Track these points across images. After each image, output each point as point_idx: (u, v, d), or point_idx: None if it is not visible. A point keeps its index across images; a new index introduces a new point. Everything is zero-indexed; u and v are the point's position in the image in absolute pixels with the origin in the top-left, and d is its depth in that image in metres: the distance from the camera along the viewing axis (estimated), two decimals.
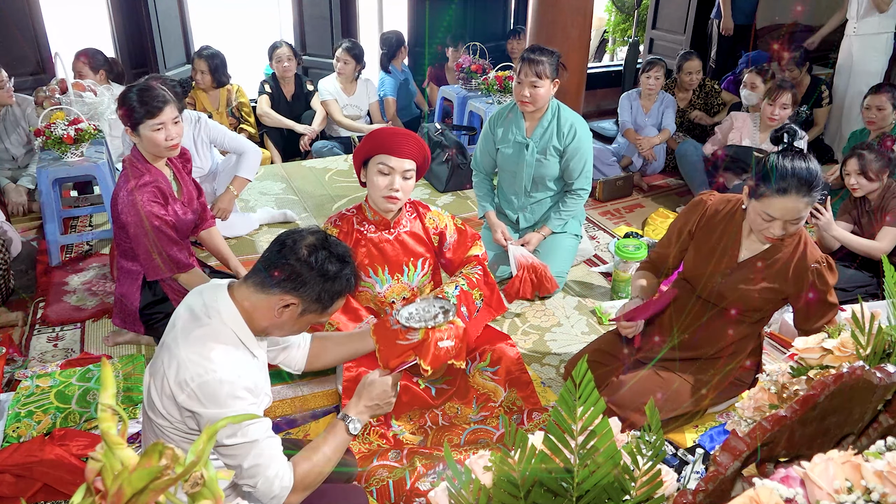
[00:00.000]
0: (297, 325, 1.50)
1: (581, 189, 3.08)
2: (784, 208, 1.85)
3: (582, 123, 3.02)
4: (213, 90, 4.45)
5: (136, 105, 2.32)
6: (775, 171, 1.84)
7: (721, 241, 2.08)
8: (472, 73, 4.82)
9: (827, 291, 1.97)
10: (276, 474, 1.43)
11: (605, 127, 5.61)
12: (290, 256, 1.43)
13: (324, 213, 3.91)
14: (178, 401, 1.37)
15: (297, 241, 1.46)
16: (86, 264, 3.29)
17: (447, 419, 2.21)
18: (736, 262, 2.05)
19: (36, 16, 4.45)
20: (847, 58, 4.62)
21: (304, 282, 1.43)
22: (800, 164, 1.84)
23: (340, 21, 5.44)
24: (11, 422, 2.13)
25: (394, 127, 2.14)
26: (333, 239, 1.51)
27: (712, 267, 2.08)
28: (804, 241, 1.99)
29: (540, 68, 2.86)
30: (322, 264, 1.44)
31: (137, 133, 2.36)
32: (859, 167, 2.95)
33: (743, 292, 2.04)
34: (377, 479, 1.94)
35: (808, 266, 1.95)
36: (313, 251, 1.45)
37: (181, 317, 1.47)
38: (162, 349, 1.45)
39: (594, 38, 8.61)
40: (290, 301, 1.44)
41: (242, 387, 1.40)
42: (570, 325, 2.88)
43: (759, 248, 2.03)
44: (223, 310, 1.45)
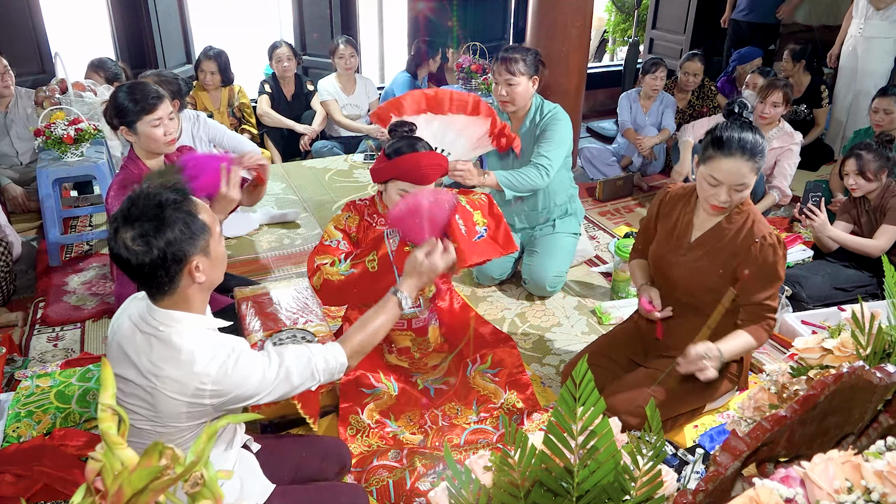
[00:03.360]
0: (215, 261, 1.43)
1: (541, 165, 2.81)
2: (728, 171, 1.89)
3: (562, 113, 2.95)
4: (217, 90, 4.45)
5: (128, 104, 2.29)
6: (723, 134, 1.91)
7: (677, 224, 2.14)
8: (472, 73, 4.82)
9: (770, 266, 1.97)
10: (326, 363, 1.54)
11: (605, 127, 5.61)
12: (142, 259, 1.33)
13: (324, 213, 3.91)
14: (206, 404, 1.37)
15: (123, 256, 1.34)
16: (86, 264, 3.29)
17: (447, 419, 2.21)
18: (689, 241, 2.10)
19: (36, 16, 4.45)
20: (852, 58, 4.60)
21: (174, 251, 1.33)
22: (746, 132, 1.91)
23: (340, 21, 5.45)
24: (11, 422, 2.13)
25: (418, 155, 2.05)
26: (118, 218, 1.36)
27: (670, 249, 2.13)
28: (752, 218, 2.01)
29: (514, 66, 2.80)
30: (152, 234, 1.32)
31: (135, 131, 2.34)
32: (857, 167, 2.95)
33: (697, 272, 2.07)
34: (377, 479, 1.94)
35: (752, 241, 1.97)
36: (134, 240, 1.33)
37: (128, 341, 1.40)
38: (139, 377, 1.37)
39: (594, 38, 8.60)
40: (191, 266, 1.37)
41: (242, 353, 1.40)
42: (570, 325, 2.88)
43: (710, 226, 2.07)
44: (168, 319, 1.39)
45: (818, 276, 2.97)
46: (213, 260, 1.42)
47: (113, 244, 1.36)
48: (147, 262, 1.33)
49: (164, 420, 1.39)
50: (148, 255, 1.32)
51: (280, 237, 3.66)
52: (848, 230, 3.11)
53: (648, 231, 2.28)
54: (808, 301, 2.90)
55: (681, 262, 2.11)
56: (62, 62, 3.56)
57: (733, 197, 1.94)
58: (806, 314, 2.80)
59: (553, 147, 2.85)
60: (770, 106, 3.57)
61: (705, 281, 2.07)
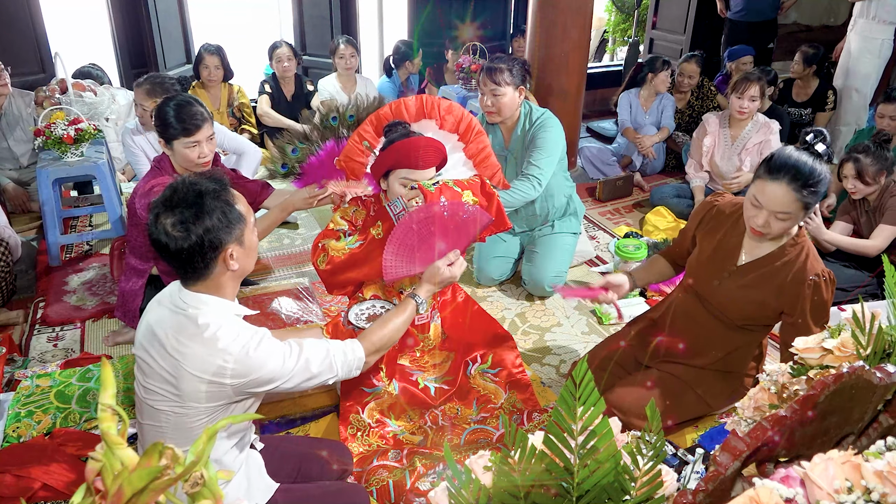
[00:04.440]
0: (248, 249, 1.49)
1: (532, 176, 2.81)
2: (772, 195, 1.79)
3: (551, 118, 2.93)
4: (216, 88, 4.45)
5: (173, 121, 2.31)
6: (777, 156, 1.81)
7: (723, 243, 2.03)
8: (472, 73, 4.82)
9: (821, 306, 1.88)
10: (344, 357, 1.59)
11: (605, 127, 5.61)
12: (181, 245, 1.38)
13: (324, 213, 3.91)
14: (226, 384, 1.40)
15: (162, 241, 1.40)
16: (86, 264, 3.29)
17: (447, 419, 2.21)
18: (735, 264, 2.00)
19: (36, 16, 4.45)
20: (846, 56, 4.62)
21: (211, 238, 1.38)
22: (804, 157, 1.78)
23: (340, 21, 5.45)
24: (11, 422, 2.13)
25: (413, 139, 2.03)
26: (160, 204, 1.42)
27: (713, 268, 2.04)
28: (806, 252, 1.90)
29: (498, 77, 2.79)
30: (192, 221, 1.37)
31: (171, 147, 2.36)
32: (856, 171, 2.94)
33: (739, 297, 1.99)
34: (377, 479, 1.94)
35: (805, 278, 1.87)
36: (174, 226, 1.37)
37: (158, 323, 1.44)
38: (165, 357, 1.41)
39: (594, 38, 8.61)
40: (226, 253, 1.42)
41: (265, 338, 1.45)
42: (570, 325, 2.88)
43: (761, 254, 1.96)
44: (197, 301, 1.44)
45: None
46: (246, 249, 1.48)
47: (153, 229, 1.40)
48: (185, 248, 1.38)
49: (185, 400, 1.41)
50: (186, 241, 1.38)
51: (280, 237, 3.66)
52: (847, 231, 3.11)
53: (685, 241, 2.17)
54: None
55: (723, 284, 2.01)
56: (62, 62, 3.56)
57: (773, 224, 1.82)
58: None
59: (543, 156, 2.84)
60: (748, 100, 3.53)
61: (744, 308, 1.99)
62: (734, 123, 3.69)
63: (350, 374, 1.63)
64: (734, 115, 3.63)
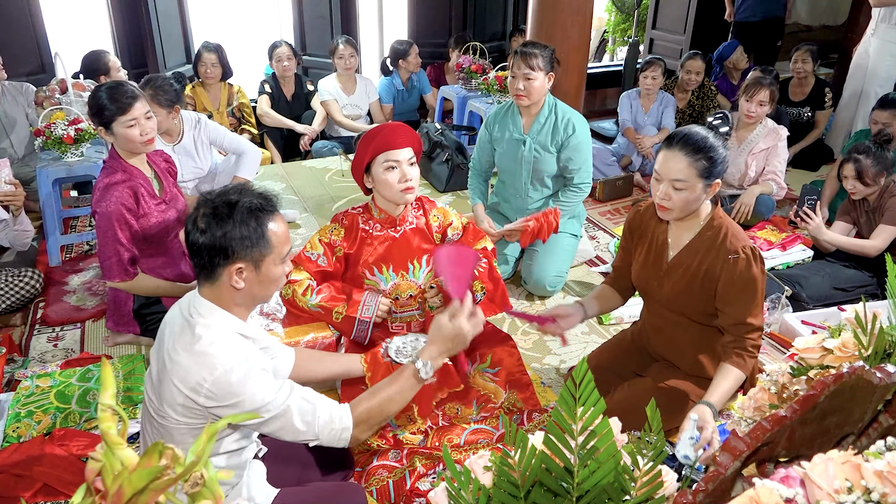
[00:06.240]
0: (264, 278, 1.46)
1: (582, 184, 3.06)
2: (668, 163, 1.83)
3: (580, 118, 3.02)
4: (215, 87, 4.45)
5: (106, 103, 2.32)
6: (677, 131, 1.87)
7: (652, 244, 2.05)
8: (472, 73, 4.82)
9: (748, 282, 1.85)
10: (329, 418, 1.47)
11: (605, 127, 5.61)
12: (197, 239, 1.42)
13: (324, 213, 3.91)
14: (199, 403, 1.37)
15: (188, 228, 1.44)
16: (86, 264, 3.29)
17: (447, 419, 2.21)
18: (667, 262, 2.00)
19: (36, 16, 4.45)
20: (864, 58, 4.58)
21: (224, 244, 1.40)
22: (701, 130, 1.84)
23: (340, 21, 5.45)
24: (11, 422, 2.13)
25: (381, 125, 2.13)
26: (207, 197, 1.46)
27: (651, 271, 2.04)
28: (724, 231, 1.89)
29: (533, 61, 2.87)
30: (214, 221, 1.41)
31: (111, 132, 2.36)
32: (855, 172, 2.94)
33: (681, 292, 1.98)
34: (377, 479, 1.94)
35: (725, 256, 1.87)
36: (201, 219, 1.42)
37: (169, 324, 1.47)
38: (160, 356, 1.44)
39: (594, 38, 8.61)
40: (234, 267, 1.42)
41: (254, 368, 1.40)
42: None
43: (684, 244, 1.96)
44: (203, 310, 1.44)
45: (818, 277, 2.98)
46: (260, 276, 1.45)
47: (191, 213, 1.44)
48: (199, 243, 1.41)
49: (163, 405, 1.41)
50: (202, 237, 1.40)
51: None
52: (847, 231, 3.11)
53: (627, 256, 2.18)
54: (808, 301, 2.91)
55: (663, 283, 2.01)
56: (62, 62, 3.56)
57: (673, 196, 1.84)
58: (806, 314, 2.80)
59: (586, 167, 3.04)
60: (756, 105, 3.50)
61: (691, 303, 1.98)
62: (741, 126, 3.67)
63: (333, 442, 1.50)
64: (742, 118, 3.61)
